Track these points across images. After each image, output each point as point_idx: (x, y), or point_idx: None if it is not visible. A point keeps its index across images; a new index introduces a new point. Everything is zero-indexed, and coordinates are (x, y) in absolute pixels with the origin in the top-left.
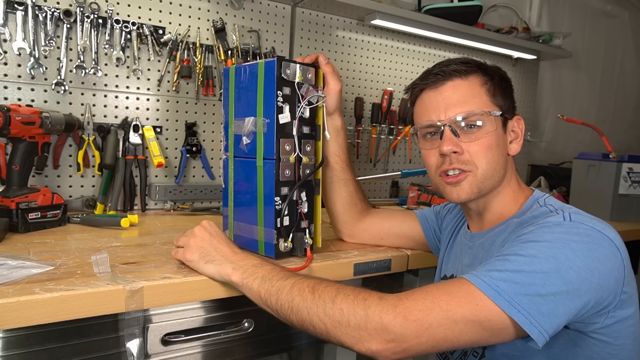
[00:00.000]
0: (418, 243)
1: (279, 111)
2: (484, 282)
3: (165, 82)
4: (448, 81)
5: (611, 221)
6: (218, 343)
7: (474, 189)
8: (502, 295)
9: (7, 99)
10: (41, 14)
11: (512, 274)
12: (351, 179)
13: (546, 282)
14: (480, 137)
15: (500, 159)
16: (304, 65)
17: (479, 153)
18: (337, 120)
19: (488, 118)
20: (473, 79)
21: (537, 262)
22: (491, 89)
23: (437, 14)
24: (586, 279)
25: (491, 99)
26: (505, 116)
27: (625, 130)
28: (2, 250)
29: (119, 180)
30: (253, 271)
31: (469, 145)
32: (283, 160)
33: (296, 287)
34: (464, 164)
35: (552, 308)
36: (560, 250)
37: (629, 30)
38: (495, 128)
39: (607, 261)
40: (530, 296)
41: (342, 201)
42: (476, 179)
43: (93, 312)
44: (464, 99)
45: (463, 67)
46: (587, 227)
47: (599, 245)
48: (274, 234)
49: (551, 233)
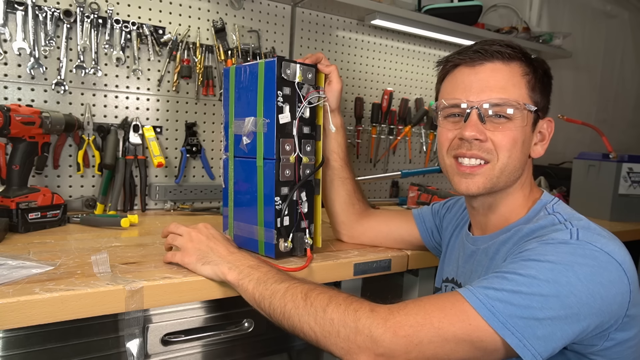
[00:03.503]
0: (416, 246)
1: (279, 111)
2: (478, 301)
3: (165, 82)
4: (488, 62)
5: (611, 221)
6: (218, 343)
7: (487, 184)
8: (496, 316)
9: (7, 99)
10: (41, 14)
11: (509, 295)
12: (349, 178)
13: (544, 306)
14: (508, 129)
15: (522, 157)
16: (304, 66)
17: (503, 144)
18: (337, 118)
19: (522, 111)
20: (515, 67)
21: (536, 284)
22: (532, 81)
23: (437, 14)
24: (587, 304)
25: (530, 92)
26: (539, 114)
27: (625, 130)
28: (2, 250)
29: (119, 180)
30: (249, 272)
31: (493, 134)
32: (283, 160)
33: (289, 292)
34: (485, 152)
35: (549, 332)
36: (562, 273)
37: (629, 30)
38: (525, 124)
39: (611, 286)
40: (526, 319)
41: (340, 200)
42: (493, 172)
43: (93, 312)
44: (501, 85)
45: (508, 50)
46: (595, 248)
47: (605, 269)
48: (274, 234)
49: (555, 253)
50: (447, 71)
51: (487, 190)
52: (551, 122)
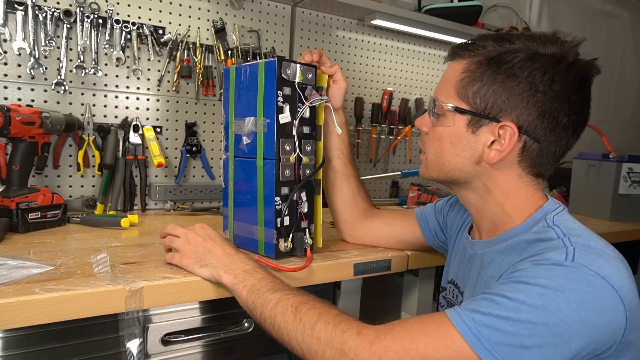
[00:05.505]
0: (419, 247)
1: (279, 111)
2: (465, 325)
3: (165, 82)
4: (452, 60)
5: (611, 221)
6: (218, 343)
7: (425, 172)
8: (482, 342)
9: (7, 99)
10: (41, 14)
11: (496, 320)
12: (353, 175)
13: (532, 333)
14: (437, 126)
15: (455, 159)
16: (304, 66)
17: (429, 141)
18: (341, 117)
19: (445, 111)
20: (463, 63)
21: (524, 310)
22: (473, 79)
23: (437, 14)
24: (578, 332)
25: (464, 90)
26: (478, 116)
27: (625, 130)
28: (2, 250)
29: (119, 180)
30: (243, 277)
31: (432, 129)
32: (283, 160)
33: (280, 304)
34: (422, 143)
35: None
36: (552, 299)
37: (629, 30)
38: (453, 124)
39: (605, 314)
40: (513, 347)
41: (343, 198)
42: (426, 165)
43: (93, 312)
44: (441, 83)
45: (468, 48)
46: (590, 272)
47: (599, 295)
48: (274, 234)
49: (547, 276)
50: None
51: (431, 178)
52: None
